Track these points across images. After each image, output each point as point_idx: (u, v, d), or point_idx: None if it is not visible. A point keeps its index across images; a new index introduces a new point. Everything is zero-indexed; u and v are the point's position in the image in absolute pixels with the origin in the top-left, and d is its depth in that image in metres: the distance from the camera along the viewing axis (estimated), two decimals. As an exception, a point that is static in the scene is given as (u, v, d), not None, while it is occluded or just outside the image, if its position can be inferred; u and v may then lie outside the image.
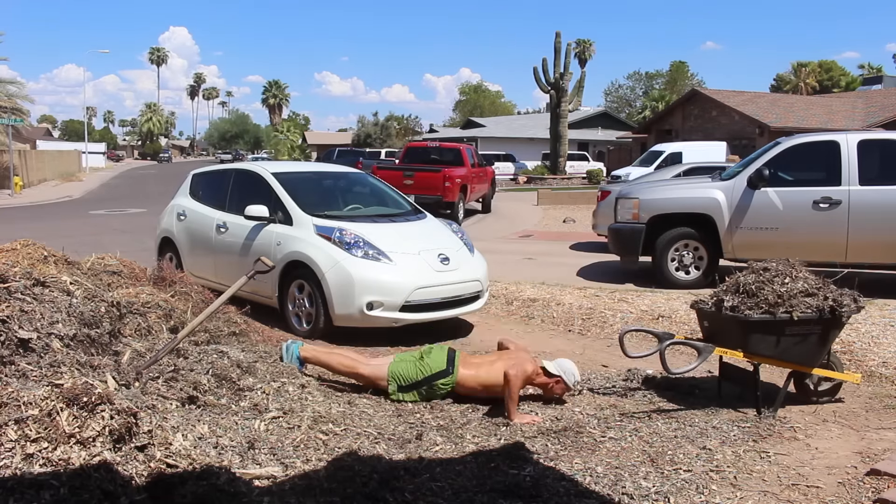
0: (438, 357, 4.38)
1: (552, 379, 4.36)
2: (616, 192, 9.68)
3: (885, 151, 7.75)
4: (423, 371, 4.32)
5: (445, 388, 4.34)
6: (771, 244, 7.47)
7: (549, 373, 4.37)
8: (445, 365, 4.34)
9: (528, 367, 4.25)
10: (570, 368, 4.40)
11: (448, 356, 4.39)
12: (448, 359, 4.38)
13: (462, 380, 4.33)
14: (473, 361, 4.48)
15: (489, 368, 4.34)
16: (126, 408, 2.76)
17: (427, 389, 4.32)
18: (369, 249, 5.82)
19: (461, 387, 4.35)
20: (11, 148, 27.54)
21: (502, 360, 4.34)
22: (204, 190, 7.63)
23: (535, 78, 29.96)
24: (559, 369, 4.37)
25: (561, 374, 4.35)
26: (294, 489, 2.90)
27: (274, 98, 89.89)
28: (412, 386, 4.32)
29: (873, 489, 3.21)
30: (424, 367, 4.33)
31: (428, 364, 4.34)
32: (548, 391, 4.39)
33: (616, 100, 70.58)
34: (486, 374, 4.32)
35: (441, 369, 4.32)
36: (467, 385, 4.34)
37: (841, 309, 4.07)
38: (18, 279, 3.56)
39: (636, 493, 3.13)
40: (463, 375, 4.34)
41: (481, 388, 4.33)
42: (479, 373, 4.34)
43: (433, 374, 4.31)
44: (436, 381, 4.31)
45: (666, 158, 20.57)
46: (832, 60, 61.86)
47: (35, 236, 5.69)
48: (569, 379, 4.36)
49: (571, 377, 4.37)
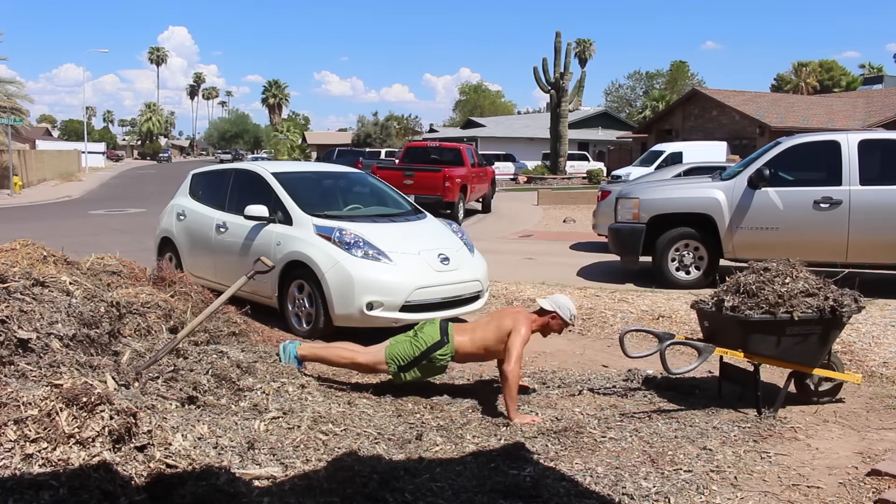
0: (431, 330, 4.39)
1: (548, 315, 4.36)
2: (616, 191, 9.68)
3: (886, 151, 7.75)
4: (419, 346, 4.33)
5: (444, 359, 4.35)
6: (771, 244, 7.47)
7: (544, 311, 4.37)
8: (440, 335, 4.35)
9: (522, 330, 4.22)
10: (565, 303, 4.40)
11: (441, 327, 4.41)
12: (441, 330, 4.39)
13: (460, 346, 4.34)
14: (467, 327, 4.49)
15: (485, 329, 4.35)
16: (125, 408, 2.75)
17: (427, 364, 4.33)
18: (369, 249, 5.82)
19: (461, 354, 4.37)
20: (11, 148, 27.54)
21: (496, 321, 4.35)
22: (204, 190, 7.63)
23: (535, 78, 29.96)
24: (553, 305, 4.37)
25: (556, 308, 4.36)
26: (294, 489, 2.90)
27: (274, 98, 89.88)
28: (411, 364, 4.33)
29: (874, 489, 3.20)
30: (419, 343, 4.34)
31: (422, 339, 4.36)
32: (546, 330, 4.40)
33: (616, 100, 70.59)
34: (482, 336, 4.33)
35: (436, 340, 4.33)
36: (466, 351, 4.35)
37: (841, 309, 4.07)
38: (18, 279, 3.56)
39: (636, 493, 3.12)
40: (459, 342, 4.35)
41: (483, 351, 4.34)
42: (474, 336, 4.36)
43: (429, 347, 4.32)
44: (433, 353, 4.32)
45: (666, 158, 20.57)
46: (833, 60, 61.94)
47: (34, 236, 5.68)
48: (564, 314, 4.37)
49: (567, 311, 4.38)
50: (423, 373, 4.38)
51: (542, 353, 5.60)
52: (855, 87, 49.88)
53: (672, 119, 34.87)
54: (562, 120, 30.03)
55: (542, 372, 5.08)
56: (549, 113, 32.07)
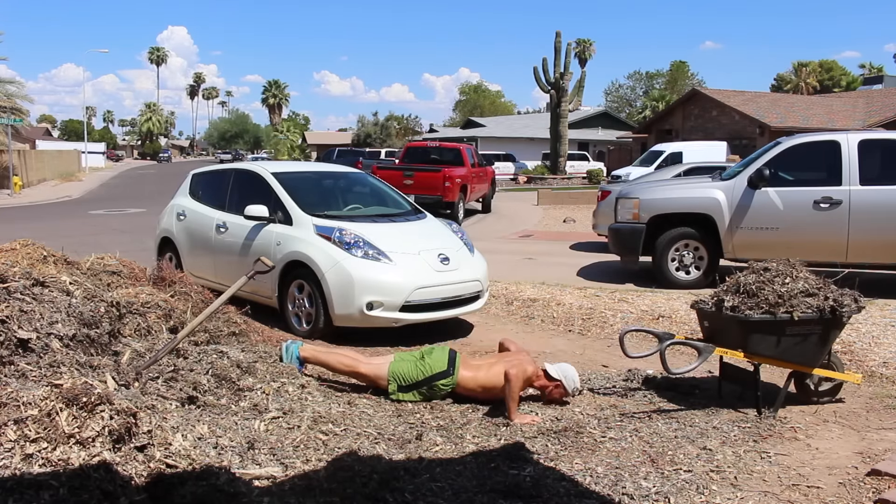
0: (439, 358, 4.37)
1: (552, 382, 4.35)
2: (616, 192, 9.68)
3: (886, 151, 7.75)
4: (424, 371, 4.31)
5: (446, 389, 4.34)
6: (771, 244, 7.47)
7: (549, 376, 4.36)
8: (446, 366, 4.33)
9: (528, 369, 4.26)
10: (571, 374, 4.39)
11: (449, 357, 4.39)
12: (449, 360, 4.37)
13: (462, 381, 4.33)
14: (474, 363, 4.48)
15: (489, 370, 4.33)
16: (126, 408, 2.75)
17: (427, 390, 4.32)
18: (369, 249, 5.82)
19: (461, 388, 4.35)
20: (11, 148, 27.54)
21: (502, 363, 4.33)
22: (204, 190, 7.63)
23: (535, 78, 29.96)
24: (560, 374, 4.36)
25: (561, 378, 4.35)
26: (294, 489, 2.90)
27: (274, 98, 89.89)
28: (412, 386, 4.32)
29: (874, 489, 3.20)
30: (425, 368, 4.32)
31: (429, 364, 4.33)
32: (547, 394, 4.38)
33: (616, 100, 70.59)
34: (485, 376, 4.32)
35: (442, 370, 4.32)
36: (467, 386, 4.34)
37: (841, 309, 4.07)
38: (18, 279, 3.56)
39: (636, 493, 3.12)
40: (463, 377, 4.33)
41: (481, 390, 4.32)
42: (478, 374, 4.34)
43: (434, 375, 4.30)
44: (436, 381, 4.30)
45: (666, 158, 20.57)
46: (833, 60, 61.99)
47: (34, 236, 5.68)
48: (568, 385, 4.36)
49: (571, 383, 4.37)
50: (422, 397, 4.35)
51: (542, 354, 5.60)
52: (855, 87, 49.89)
53: (672, 119, 34.87)
54: (562, 120, 30.04)
55: (542, 372, 5.07)
56: (549, 113, 32.07)
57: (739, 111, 30.00)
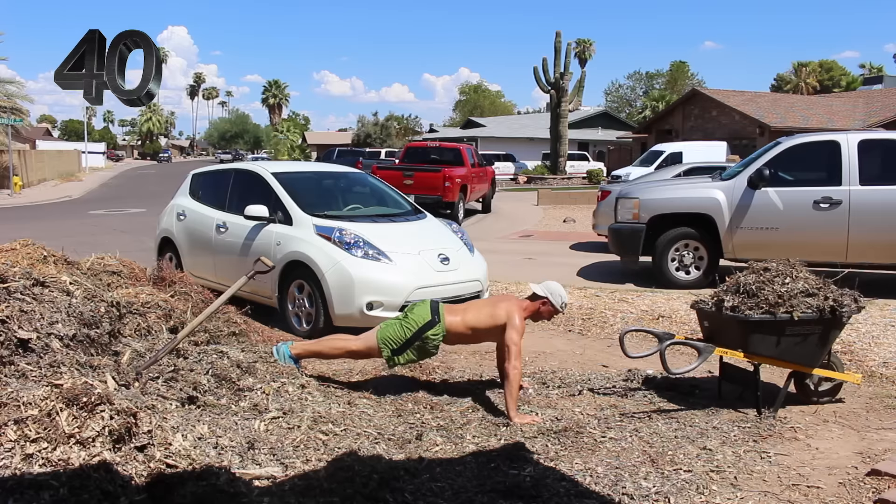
0: (422, 311, 4.38)
1: (539, 301, 4.37)
2: (616, 192, 9.68)
3: (886, 151, 7.75)
4: (411, 327, 4.32)
5: (437, 339, 4.33)
6: (771, 244, 7.47)
7: (535, 296, 4.37)
8: (430, 315, 4.34)
9: (517, 322, 4.23)
10: (557, 290, 4.40)
11: (431, 307, 4.40)
12: (432, 310, 4.38)
13: (451, 326, 4.33)
14: (458, 308, 4.49)
15: (478, 312, 4.35)
16: (126, 408, 2.75)
17: (419, 345, 4.32)
18: (369, 249, 5.82)
19: (452, 334, 4.35)
20: (11, 148, 27.53)
21: (490, 306, 4.36)
22: (204, 190, 7.63)
23: (535, 78, 29.96)
24: (545, 291, 4.37)
25: (548, 294, 4.36)
26: (294, 489, 2.90)
27: (274, 98, 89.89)
28: (404, 346, 4.32)
29: (874, 489, 3.20)
30: (411, 324, 4.33)
31: (413, 320, 4.35)
32: (537, 316, 4.40)
33: (616, 100, 70.58)
34: (474, 318, 4.33)
35: (427, 320, 4.32)
36: (457, 331, 4.34)
37: (841, 309, 4.07)
38: (18, 279, 3.56)
39: (636, 493, 3.12)
40: (451, 322, 4.34)
41: (471, 332, 4.33)
42: (466, 317, 4.35)
43: (421, 327, 4.31)
44: (425, 333, 4.30)
45: (666, 158, 20.57)
46: (833, 60, 62.04)
47: (34, 236, 5.68)
48: (556, 300, 4.37)
49: (558, 298, 4.38)
50: (417, 354, 4.36)
51: (542, 353, 5.60)
52: (855, 87, 49.88)
53: (672, 119, 34.87)
54: (562, 120, 30.04)
55: (542, 372, 5.08)
56: (549, 113, 32.07)
57: (739, 111, 29.99)
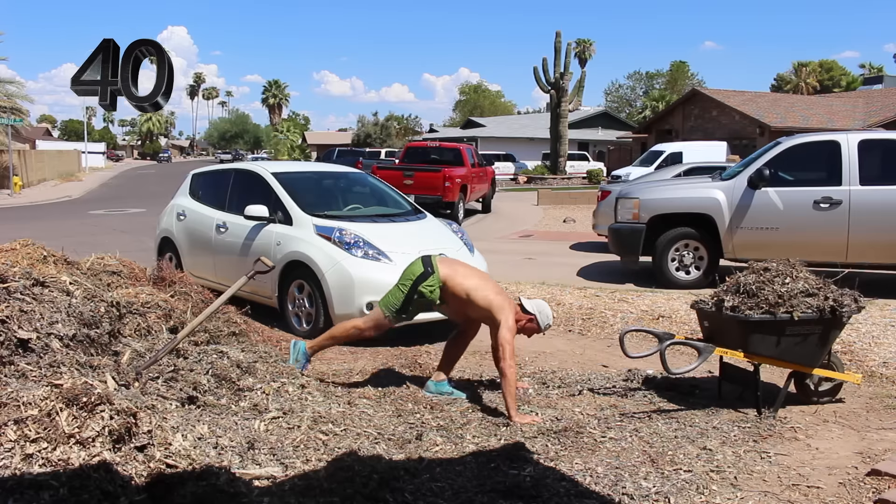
0: (414, 266, 4.44)
1: (526, 317, 4.39)
2: (616, 192, 9.68)
3: (886, 151, 7.76)
4: (406, 284, 4.38)
5: (433, 288, 4.35)
6: (771, 244, 7.47)
7: (524, 310, 4.40)
8: (423, 267, 4.39)
9: (511, 321, 4.27)
10: (546, 310, 4.44)
11: (423, 260, 4.45)
12: (423, 262, 4.43)
13: (446, 279, 4.36)
14: (451, 261, 4.59)
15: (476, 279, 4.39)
16: (126, 408, 2.75)
17: (418, 299, 4.36)
18: (369, 249, 5.82)
19: (448, 291, 4.37)
20: (11, 148, 27.53)
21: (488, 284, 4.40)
22: (204, 190, 7.63)
23: (535, 78, 29.96)
24: (535, 308, 4.41)
25: (536, 313, 4.39)
26: (294, 489, 2.90)
27: (274, 98, 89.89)
28: (405, 304, 4.39)
29: (874, 489, 3.20)
30: (405, 281, 4.40)
31: (407, 276, 4.41)
32: (520, 329, 4.42)
33: (616, 100, 70.58)
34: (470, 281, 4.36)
35: (420, 272, 4.37)
36: (452, 288, 4.35)
37: (841, 309, 4.07)
38: (18, 279, 3.56)
39: (636, 493, 3.12)
40: (446, 274, 4.37)
41: (465, 297, 4.34)
42: (459, 277, 4.37)
43: (416, 280, 4.35)
44: (420, 285, 4.34)
45: (666, 158, 20.56)
46: (833, 60, 62.06)
47: (34, 236, 5.68)
48: (542, 320, 4.40)
49: (545, 319, 4.41)
50: (419, 308, 4.45)
51: (542, 353, 5.60)
52: (855, 87, 49.89)
53: (672, 119, 34.87)
54: (562, 120, 30.04)
55: (542, 372, 5.08)
56: (549, 113, 32.07)
57: (739, 111, 29.99)
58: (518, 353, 5.54)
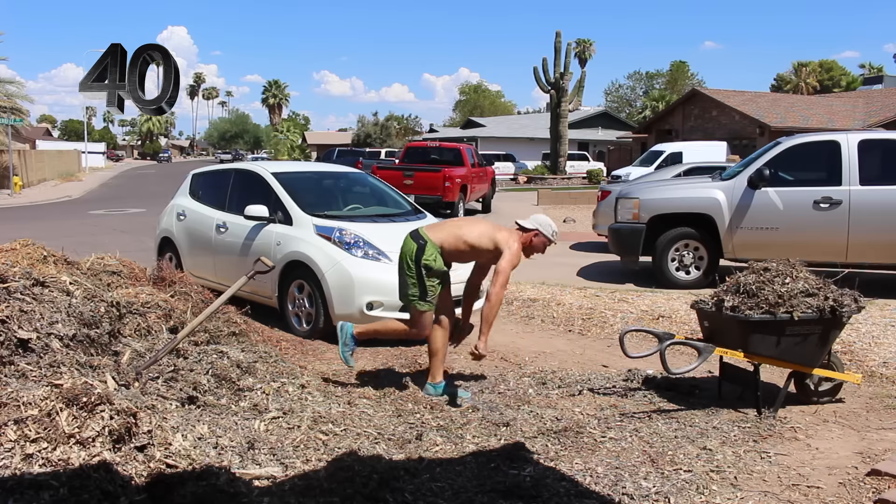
0: (406, 248, 4.41)
1: (530, 234, 4.39)
2: (616, 191, 9.68)
3: (886, 151, 7.76)
4: (410, 267, 4.34)
5: (435, 255, 4.33)
6: (771, 244, 7.47)
7: (525, 229, 4.40)
8: (415, 244, 4.37)
9: (515, 247, 4.27)
10: (544, 220, 4.44)
11: (412, 236, 4.42)
12: (413, 237, 4.41)
13: (443, 242, 4.35)
14: (443, 224, 4.57)
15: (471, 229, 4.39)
16: (126, 408, 2.75)
17: (428, 274, 4.33)
18: (369, 249, 5.82)
19: (447, 251, 4.36)
20: (11, 148, 27.53)
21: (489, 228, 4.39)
22: (204, 190, 7.63)
23: (535, 78, 29.96)
24: (535, 223, 4.42)
25: (538, 227, 4.39)
26: (294, 489, 2.90)
27: (274, 98, 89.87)
28: (423, 287, 4.34)
29: (874, 489, 3.20)
30: (408, 267, 4.35)
31: (407, 262, 4.37)
32: (530, 250, 4.42)
33: (616, 100, 70.57)
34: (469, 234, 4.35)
35: (415, 249, 4.35)
36: (452, 246, 4.35)
37: (841, 309, 4.07)
38: (18, 279, 3.56)
39: (636, 493, 3.12)
40: (440, 238, 4.36)
41: (469, 249, 4.35)
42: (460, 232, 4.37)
43: (416, 260, 4.33)
44: (421, 260, 4.32)
45: (666, 158, 20.57)
46: (833, 60, 62.03)
47: (34, 236, 5.68)
48: (546, 230, 4.40)
49: (549, 228, 4.42)
50: (438, 280, 4.38)
51: (542, 353, 5.60)
52: (855, 87, 49.88)
53: (672, 119, 34.87)
54: (562, 120, 30.04)
55: (542, 372, 5.07)
56: (549, 113, 32.07)
57: (739, 111, 29.99)
58: (518, 352, 5.56)
